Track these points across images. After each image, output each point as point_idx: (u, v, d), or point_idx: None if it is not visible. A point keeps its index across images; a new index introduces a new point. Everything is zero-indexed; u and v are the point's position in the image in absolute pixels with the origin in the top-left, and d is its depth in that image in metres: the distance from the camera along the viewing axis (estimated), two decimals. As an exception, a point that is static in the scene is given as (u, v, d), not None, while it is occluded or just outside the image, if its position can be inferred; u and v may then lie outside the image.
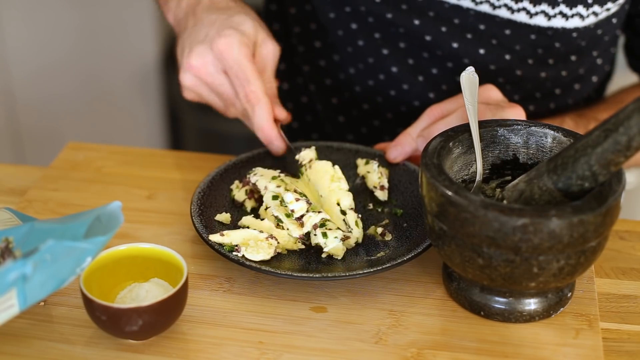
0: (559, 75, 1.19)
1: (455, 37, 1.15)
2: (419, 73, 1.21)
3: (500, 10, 1.10)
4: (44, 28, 2.14)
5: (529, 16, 1.10)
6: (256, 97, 1.03)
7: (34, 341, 0.86)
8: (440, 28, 1.15)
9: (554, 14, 1.09)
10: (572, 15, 1.09)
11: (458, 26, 1.14)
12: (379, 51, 1.21)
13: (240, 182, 1.02)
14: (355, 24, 1.20)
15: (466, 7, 1.12)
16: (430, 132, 1.01)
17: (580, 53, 1.17)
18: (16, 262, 0.75)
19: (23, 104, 2.19)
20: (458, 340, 0.86)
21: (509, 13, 1.10)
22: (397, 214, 1.01)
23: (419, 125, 1.04)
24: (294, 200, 0.95)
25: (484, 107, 1.00)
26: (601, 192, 0.82)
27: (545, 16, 1.10)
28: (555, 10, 1.09)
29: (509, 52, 1.15)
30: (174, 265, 0.87)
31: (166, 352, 0.85)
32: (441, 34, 1.15)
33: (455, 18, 1.13)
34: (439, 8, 1.13)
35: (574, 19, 1.10)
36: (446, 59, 1.18)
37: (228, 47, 1.02)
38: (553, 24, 1.10)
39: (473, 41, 1.15)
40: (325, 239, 0.93)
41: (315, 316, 0.89)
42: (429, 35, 1.16)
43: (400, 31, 1.18)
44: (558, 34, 1.12)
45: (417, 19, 1.15)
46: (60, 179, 1.11)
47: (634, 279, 0.97)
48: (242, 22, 1.05)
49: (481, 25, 1.13)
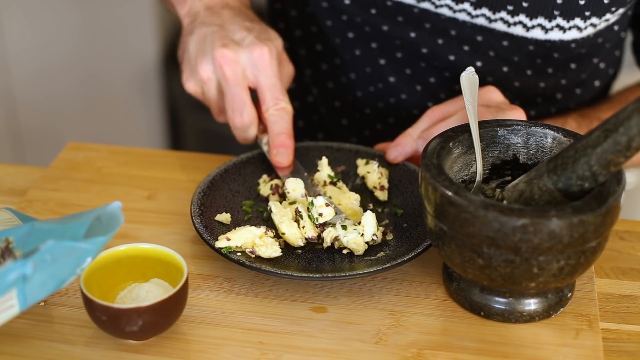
0: (559, 83, 1.19)
1: (452, 49, 1.14)
2: (416, 83, 1.20)
3: (496, 23, 1.10)
4: (44, 28, 2.14)
5: (526, 29, 1.09)
6: (286, 108, 1.04)
7: (34, 341, 0.86)
8: (437, 40, 1.14)
9: (550, 27, 1.08)
10: (570, 27, 1.08)
11: (455, 38, 1.13)
12: (376, 61, 1.20)
13: (268, 177, 1.03)
14: (351, 33, 1.20)
15: (462, 20, 1.11)
16: (430, 134, 1.01)
17: (580, 61, 1.16)
18: (16, 262, 0.75)
19: (23, 104, 2.19)
20: (458, 341, 0.86)
21: (505, 27, 1.10)
22: (397, 214, 1.01)
23: (420, 126, 1.04)
24: (324, 205, 0.95)
25: (485, 110, 1.00)
26: (601, 193, 0.82)
27: (542, 29, 1.09)
28: (552, 24, 1.08)
29: (506, 63, 1.14)
30: (174, 265, 0.87)
31: (166, 352, 0.85)
32: (438, 46, 1.15)
33: (451, 30, 1.13)
34: (435, 20, 1.12)
35: (571, 31, 1.09)
36: (444, 69, 1.17)
37: (270, 57, 1.02)
38: (550, 37, 1.09)
39: (470, 53, 1.14)
40: (344, 230, 0.93)
41: (316, 316, 0.89)
42: (425, 48, 1.15)
43: (397, 42, 1.17)
44: (556, 46, 1.11)
45: (413, 32, 1.15)
46: (60, 179, 1.11)
47: (634, 279, 0.97)
48: (276, 37, 1.06)
49: (478, 37, 1.12)
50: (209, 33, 1.04)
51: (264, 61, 1.02)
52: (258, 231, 0.93)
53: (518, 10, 1.07)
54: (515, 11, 1.08)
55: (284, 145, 1.03)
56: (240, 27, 1.05)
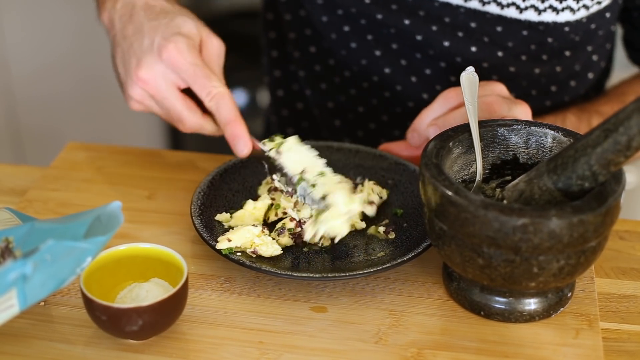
0: (554, 72, 1.19)
1: (446, 35, 1.15)
2: (412, 74, 1.20)
3: (489, 6, 1.10)
4: (44, 28, 2.14)
5: (519, 11, 1.10)
6: (220, 92, 1.00)
7: (34, 341, 0.86)
8: (431, 27, 1.15)
9: (543, 8, 1.09)
10: (563, 9, 1.09)
11: (449, 24, 1.14)
12: (372, 53, 1.21)
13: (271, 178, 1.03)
14: (347, 27, 1.20)
15: (456, 5, 1.12)
16: (445, 122, 0.99)
17: (574, 48, 1.17)
18: (16, 262, 0.75)
19: (23, 104, 2.19)
20: (458, 340, 0.86)
21: (498, 9, 1.10)
22: (397, 214, 1.01)
23: (434, 111, 1.02)
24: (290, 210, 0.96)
25: (501, 100, 0.99)
26: (601, 192, 0.82)
27: (535, 10, 1.09)
28: (545, 4, 1.09)
29: (501, 49, 1.15)
30: (174, 265, 0.87)
31: (166, 352, 0.85)
32: (432, 33, 1.15)
33: (445, 16, 1.13)
34: (428, 7, 1.13)
35: (564, 12, 1.10)
36: (439, 59, 1.18)
37: (178, 53, 0.99)
38: (544, 19, 1.10)
39: (464, 39, 1.14)
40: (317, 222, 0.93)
41: (316, 316, 0.89)
42: (420, 35, 1.16)
43: (392, 32, 1.17)
44: (550, 29, 1.11)
45: (407, 19, 1.15)
46: (60, 179, 1.11)
47: (634, 279, 0.97)
48: (183, 24, 1.02)
49: (472, 23, 1.13)
50: (125, 51, 1.03)
51: (176, 59, 0.99)
52: (256, 230, 0.93)
53: None
54: None
55: (235, 137, 0.99)
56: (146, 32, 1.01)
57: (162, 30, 1.01)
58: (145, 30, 1.02)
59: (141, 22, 1.03)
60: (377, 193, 1.02)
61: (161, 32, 1.01)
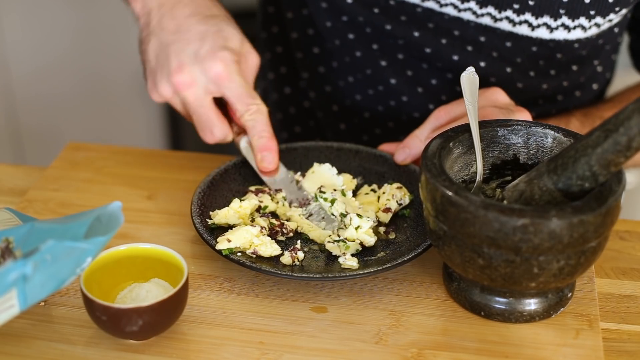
0: (561, 85, 1.18)
1: (455, 49, 1.14)
2: (418, 85, 1.19)
3: (501, 22, 1.09)
4: (44, 28, 2.14)
5: (531, 29, 1.09)
6: (260, 109, 1.02)
7: (34, 341, 0.86)
8: (440, 40, 1.14)
9: (556, 26, 1.08)
10: (575, 27, 1.08)
11: (458, 38, 1.13)
12: (377, 62, 1.19)
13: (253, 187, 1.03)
14: (352, 34, 1.19)
15: (467, 20, 1.11)
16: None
17: (581, 63, 1.16)
18: (16, 262, 0.75)
19: (23, 104, 2.19)
20: (458, 341, 0.86)
21: (510, 26, 1.09)
22: (405, 214, 1.00)
23: (427, 128, 1.02)
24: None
25: (497, 110, 0.99)
26: (601, 192, 0.82)
27: (547, 28, 1.08)
28: (558, 23, 1.08)
29: (510, 64, 1.14)
30: (174, 265, 0.87)
31: (166, 352, 0.85)
32: (441, 46, 1.14)
33: (455, 30, 1.12)
34: (439, 20, 1.12)
35: (576, 30, 1.09)
36: (446, 71, 1.17)
37: (225, 70, 1.00)
38: (555, 36, 1.09)
39: (473, 53, 1.14)
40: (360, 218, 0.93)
41: (316, 316, 0.89)
42: (429, 48, 1.15)
43: (399, 42, 1.16)
44: (560, 46, 1.11)
45: (416, 31, 1.14)
46: (60, 179, 1.11)
47: (634, 279, 0.97)
48: (230, 37, 1.03)
49: (482, 38, 1.12)
50: (164, 45, 1.02)
51: (223, 77, 1.00)
52: (254, 230, 0.93)
53: (524, 9, 1.07)
54: (521, 10, 1.07)
55: (267, 149, 1.02)
56: (194, 35, 1.02)
57: (210, 41, 1.01)
58: (192, 34, 1.02)
59: (187, 23, 1.03)
60: (396, 200, 1.00)
61: (209, 43, 1.01)
